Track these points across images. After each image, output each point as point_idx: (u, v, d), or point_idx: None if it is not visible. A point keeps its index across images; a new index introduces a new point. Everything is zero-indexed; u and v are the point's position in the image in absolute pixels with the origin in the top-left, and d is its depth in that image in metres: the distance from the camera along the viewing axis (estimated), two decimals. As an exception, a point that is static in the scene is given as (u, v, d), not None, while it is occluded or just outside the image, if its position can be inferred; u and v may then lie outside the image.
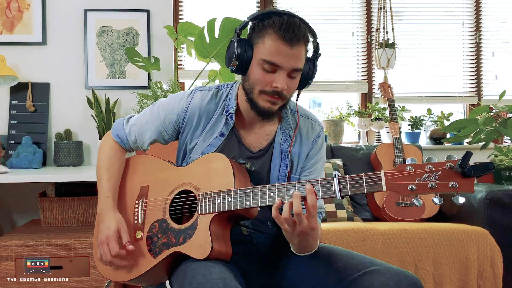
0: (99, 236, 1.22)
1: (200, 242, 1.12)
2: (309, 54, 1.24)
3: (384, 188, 0.99)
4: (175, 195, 1.23)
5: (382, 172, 1.00)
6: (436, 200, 0.96)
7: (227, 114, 1.28)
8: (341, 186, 1.03)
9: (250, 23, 1.22)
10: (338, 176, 1.04)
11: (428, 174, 0.96)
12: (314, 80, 1.27)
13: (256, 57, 1.17)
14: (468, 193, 0.95)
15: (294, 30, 1.13)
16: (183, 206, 1.24)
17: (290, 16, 1.15)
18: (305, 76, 1.23)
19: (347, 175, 1.04)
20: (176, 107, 1.31)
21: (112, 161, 1.33)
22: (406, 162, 1.00)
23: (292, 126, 1.32)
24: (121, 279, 1.23)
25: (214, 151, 1.27)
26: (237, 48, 1.17)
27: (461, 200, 0.95)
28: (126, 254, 1.18)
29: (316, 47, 1.25)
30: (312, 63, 1.24)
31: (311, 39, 1.21)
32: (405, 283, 1.05)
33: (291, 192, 1.07)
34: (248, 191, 1.12)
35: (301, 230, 1.05)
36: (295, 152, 1.31)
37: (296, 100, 1.31)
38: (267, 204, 1.10)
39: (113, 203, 1.26)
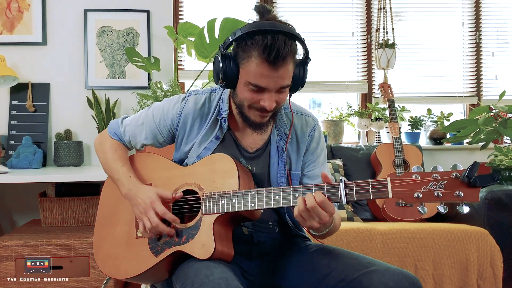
0: (140, 207, 1.20)
1: (203, 242, 1.12)
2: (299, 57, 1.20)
3: (390, 195, 0.99)
4: None
5: (388, 179, 1.00)
6: (441, 208, 0.97)
7: (220, 118, 1.29)
8: (347, 191, 1.04)
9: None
10: (345, 181, 1.05)
11: (434, 182, 0.97)
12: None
13: (243, 78, 1.15)
14: (473, 202, 0.95)
15: (279, 50, 1.08)
16: (186, 205, 1.24)
17: (274, 33, 1.09)
18: (295, 82, 1.20)
19: (353, 181, 1.04)
20: (171, 111, 1.32)
21: (119, 152, 1.35)
22: (411, 169, 1.00)
23: (286, 124, 1.33)
24: (122, 276, 1.23)
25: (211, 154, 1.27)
26: (222, 67, 1.16)
27: (466, 209, 0.95)
28: (171, 219, 1.17)
29: (305, 53, 1.20)
30: (302, 68, 1.20)
31: (299, 49, 1.17)
32: (404, 283, 1.05)
33: (297, 195, 1.08)
34: (253, 193, 1.12)
35: (324, 220, 1.05)
36: (292, 150, 1.32)
37: (289, 100, 1.31)
38: (272, 206, 1.10)
39: (137, 180, 1.27)
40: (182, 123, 1.32)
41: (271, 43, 1.08)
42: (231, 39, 1.16)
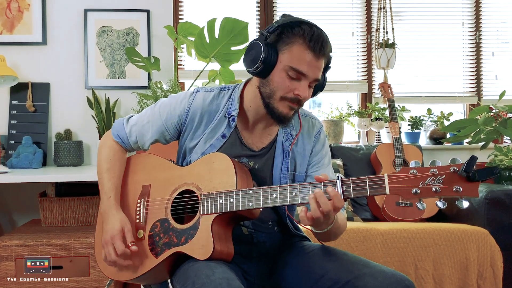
0: (104, 236, 1.22)
1: (202, 243, 1.12)
2: None
3: (387, 191, 0.98)
4: (177, 195, 1.23)
5: (385, 175, 0.99)
6: (440, 204, 0.96)
7: (229, 116, 1.29)
8: (344, 188, 1.03)
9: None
10: (341, 178, 1.04)
11: (432, 177, 0.96)
12: None
13: (282, 63, 1.17)
14: (472, 197, 0.93)
15: (323, 43, 1.16)
16: (185, 206, 1.24)
17: (318, 29, 1.18)
18: (317, 87, 1.27)
19: (350, 178, 1.03)
20: (178, 107, 1.32)
21: (113, 161, 1.33)
22: (409, 165, 0.99)
23: (293, 125, 1.34)
24: (122, 278, 1.24)
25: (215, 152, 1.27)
26: (263, 52, 1.17)
27: (465, 204, 0.94)
28: (130, 253, 1.18)
29: (329, 60, 1.26)
30: (323, 75, 1.26)
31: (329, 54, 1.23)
32: (396, 287, 1.05)
33: (294, 193, 1.08)
34: (251, 192, 1.12)
35: (331, 221, 1.08)
36: (298, 151, 1.33)
37: None
38: (270, 205, 1.10)
39: (116, 203, 1.26)
40: (190, 119, 1.31)
41: (317, 34, 1.16)
42: (276, 25, 1.19)
